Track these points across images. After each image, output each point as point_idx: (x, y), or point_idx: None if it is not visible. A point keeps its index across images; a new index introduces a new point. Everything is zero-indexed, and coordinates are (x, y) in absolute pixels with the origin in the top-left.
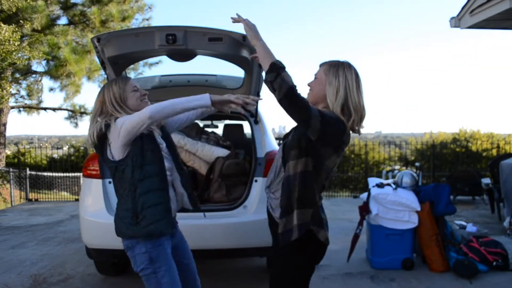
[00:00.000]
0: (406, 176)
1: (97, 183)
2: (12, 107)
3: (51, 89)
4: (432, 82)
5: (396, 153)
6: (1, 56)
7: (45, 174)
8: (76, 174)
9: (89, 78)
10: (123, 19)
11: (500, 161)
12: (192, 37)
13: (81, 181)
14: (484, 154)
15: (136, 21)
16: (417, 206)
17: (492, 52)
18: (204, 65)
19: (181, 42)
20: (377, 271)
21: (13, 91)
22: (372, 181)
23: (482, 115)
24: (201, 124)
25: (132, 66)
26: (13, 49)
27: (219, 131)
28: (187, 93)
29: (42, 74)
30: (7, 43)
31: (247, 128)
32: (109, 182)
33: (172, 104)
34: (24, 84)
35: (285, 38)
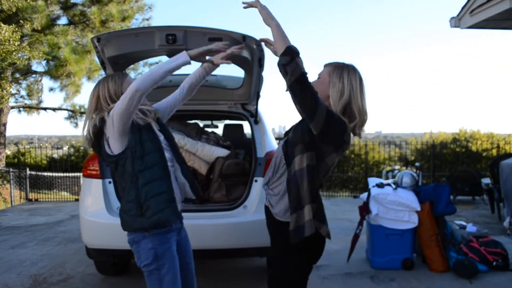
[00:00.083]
0: (406, 176)
1: (97, 183)
2: (12, 107)
3: (51, 89)
4: (432, 82)
5: (396, 153)
6: (1, 56)
7: (45, 174)
8: (76, 174)
9: (89, 78)
10: (123, 19)
11: (500, 161)
12: (192, 37)
13: (81, 181)
14: (484, 154)
15: (136, 21)
16: (417, 206)
17: (492, 52)
18: None
19: (181, 42)
20: (377, 271)
21: (13, 91)
22: (372, 181)
23: (482, 115)
24: (201, 124)
25: (132, 66)
26: (13, 49)
27: (219, 131)
28: None
29: (42, 74)
30: (7, 43)
31: (247, 128)
32: (109, 182)
33: (154, 71)
34: (24, 84)
35: None
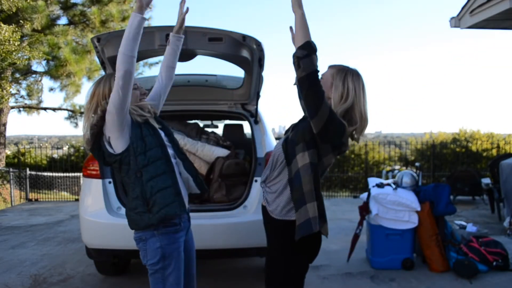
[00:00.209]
0: (406, 176)
1: (97, 183)
2: (12, 107)
3: (51, 89)
4: (432, 82)
5: (396, 153)
6: (1, 56)
7: (45, 174)
8: (76, 174)
9: (89, 78)
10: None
11: (500, 161)
12: (192, 37)
13: (81, 181)
14: (484, 154)
15: None
16: (417, 206)
17: (492, 52)
18: (204, 65)
19: None
20: (377, 271)
21: (13, 91)
22: (372, 181)
23: (482, 115)
24: (201, 124)
25: None
26: (13, 49)
27: (219, 131)
28: (187, 93)
29: (42, 74)
30: (7, 43)
31: (247, 128)
32: (109, 182)
33: (124, 38)
34: (24, 84)
35: (285, 38)
